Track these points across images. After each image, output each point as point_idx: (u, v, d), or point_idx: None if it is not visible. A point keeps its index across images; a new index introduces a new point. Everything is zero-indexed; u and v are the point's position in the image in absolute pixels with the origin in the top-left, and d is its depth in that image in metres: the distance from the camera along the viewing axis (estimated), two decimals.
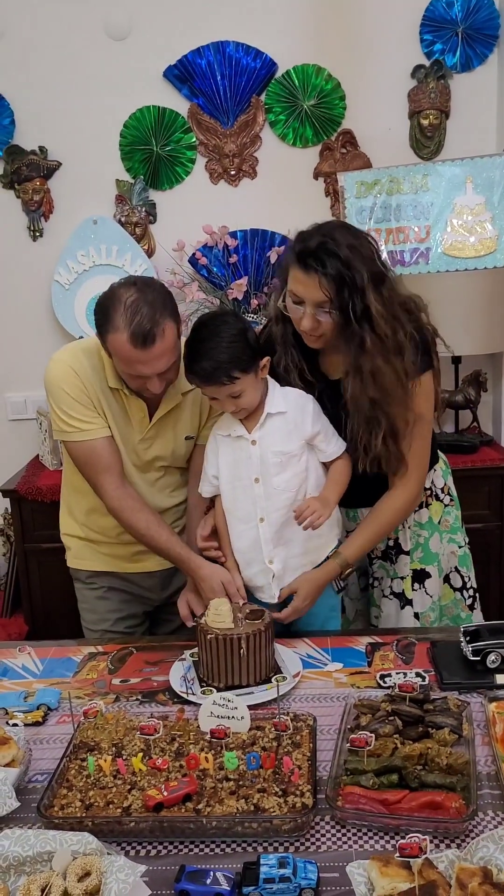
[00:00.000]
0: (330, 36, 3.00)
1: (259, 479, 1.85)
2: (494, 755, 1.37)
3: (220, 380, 1.76)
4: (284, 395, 1.87)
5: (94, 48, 3.01)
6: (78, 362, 1.93)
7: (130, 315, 1.72)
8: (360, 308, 1.68)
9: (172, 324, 1.78)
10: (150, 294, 1.76)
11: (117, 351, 1.77)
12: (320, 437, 1.86)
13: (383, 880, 1.05)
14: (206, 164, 3.13)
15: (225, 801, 1.28)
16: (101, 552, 2.12)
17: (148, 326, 1.71)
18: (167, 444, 2.02)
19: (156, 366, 1.78)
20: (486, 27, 2.97)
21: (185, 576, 2.15)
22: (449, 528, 2.06)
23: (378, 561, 2.05)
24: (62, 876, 1.13)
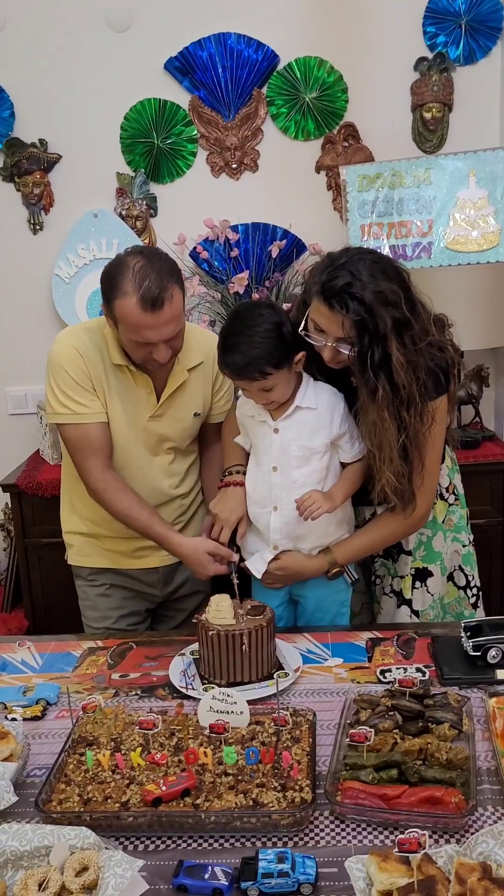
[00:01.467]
0: (332, 28, 2.98)
1: (277, 468, 1.84)
2: (494, 750, 1.37)
3: (251, 375, 1.74)
4: (317, 391, 1.85)
5: (95, 40, 2.99)
6: (81, 342, 1.94)
7: (139, 280, 1.74)
8: (379, 355, 1.66)
9: (179, 291, 1.80)
10: (157, 261, 1.78)
11: (125, 317, 1.77)
12: (346, 438, 1.85)
13: (382, 875, 1.04)
14: (207, 158, 3.11)
15: (224, 795, 1.27)
16: (104, 548, 2.11)
17: (157, 291, 1.73)
18: (176, 422, 2.02)
19: (163, 331, 1.78)
20: (489, 19, 2.95)
21: (186, 571, 2.16)
22: (453, 528, 2.04)
23: (380, 559, 2.04)
24: (59, 871, 1.13)
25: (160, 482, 2.05)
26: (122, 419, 1.96)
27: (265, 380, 1.75)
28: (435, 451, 1.84)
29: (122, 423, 1.96)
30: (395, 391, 1.69)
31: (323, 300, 1.67)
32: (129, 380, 1.95)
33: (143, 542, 2.05)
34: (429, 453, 1.81)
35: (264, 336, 1.73)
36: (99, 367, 1.93)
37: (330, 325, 1.69)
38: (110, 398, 1.95)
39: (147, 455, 2.03)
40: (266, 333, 1.73)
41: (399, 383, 1.68)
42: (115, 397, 1.95)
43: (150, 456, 2.03)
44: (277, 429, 1.84)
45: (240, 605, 1.73)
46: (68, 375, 1.91)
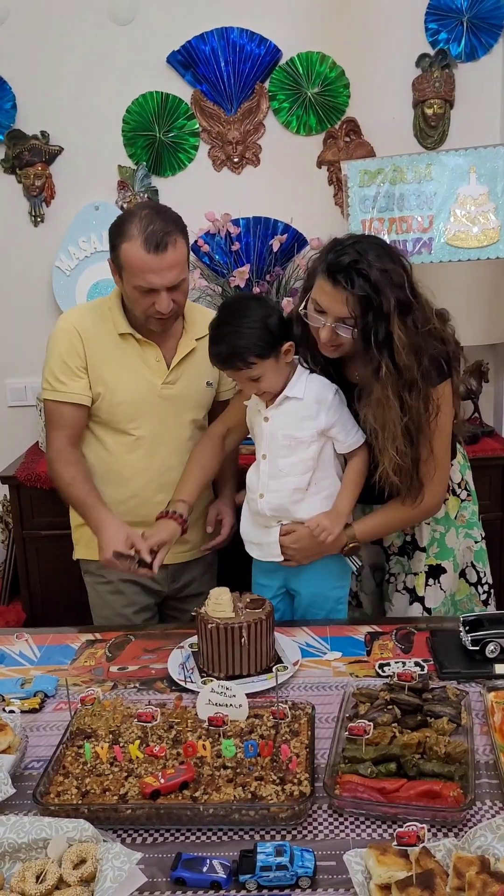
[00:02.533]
0: (334, 23, 2.97)
1: (266, 455, 1.87)
2: (493, 744, 1.37)
3: (235, 364, 1.78)
4: (308, 382, 1.85)
5: (98, 33, 2.98)
6: (81, 320, 2.01)
7: (145, 224, 1.82)
8: (382, 334, 1.67)
9: (184, 242, 1.88)
10: (162, 212, 1.88)
11: (129, 260, 1.83)
12: (337, 430, 1.85)
13: (380, 868, 1.04)
14: (209, 151, 3.10)
15: (222, 788, 1.27)
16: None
17: (161, 234, 1.81)
18: (190, 390, 2.07)
19: (166, 276, 1.84)
20: (491, 16, 2.94)
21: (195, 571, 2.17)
22: (465, 524, 2.05)
23: (395, 557, 2.03)
24: (57, 863, 1.13)
25: (182, 455, 2.06)
26: (134, 387, 2.00)
27: (250, 369, 1.78)
28: (443, 439, 1.84)
29: (134, 391, 2.00)
30: (398, 371, 1.70)
31: (328, 277, 1.68)
32: (136, 349, 2.00)
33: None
34: (436, 441, 1.81)
35: (249, 327, 1.75)
36: (101, 341, 1.98)
37: (332, 303, 1.69)
38: (116, 371, 1.99)
39: (169, 425, 2.05)
40: (251, 324, 1.76)
41: (401, 364, 1.69)
42: (123, 368, 1.99)
43: (172, 427, 2.05)
44: (267, 417, 1.87)
45: (239, 599, 1.73)
46: (58, 353, 1.99)
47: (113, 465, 2.07)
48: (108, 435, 2.05)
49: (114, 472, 2.07)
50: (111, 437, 2.05)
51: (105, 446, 2.06)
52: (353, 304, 1.66)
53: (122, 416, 2.02)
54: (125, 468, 2.06)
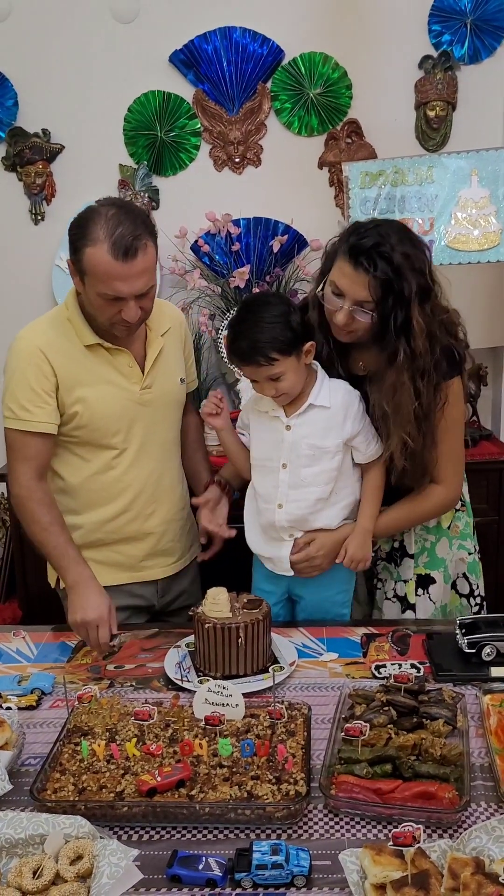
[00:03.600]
0: (337, 24, 2.97)
1: (287, 465, 1.83)
2: (488, 747, 1.37)
3: (256, 360, 1.73)
4: (332, 389, 1.82)
5: (100, 31, 2.98)
6: (45, 338, 1.83)
7: (112, 227, 1.66)
8: (401, 319, 1.67)
9: (153, 244, 1.73)
10: (130, 212, 1.72)
11: (95, 266, 1.67)
12: (360, 438, 1.83)
13: (376, 868, 1.05)
14: (210, 151, 3.10)
15: (218, 787, 1.28)
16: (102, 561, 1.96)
17: (130, 239, 1.66)
18: (167, 391, 1.97)
19: (135, 284, 1.69)
20: (495, 18, 2.94)
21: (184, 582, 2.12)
22: (459, 535, 2.02)
23: (382, 562, 2.02)
24: (54, 859, 1.13)
25: (171, 458, 2.01)
26: (113, 400, 1.87)
27: (271, 366, 1.73)
28: (455, 433, 1.84)
29: (114, 403, 1.87)
30: (413, 357, 1.70)
31: (349, 259, 1.67)
32: (106, 359, 1.87)
33: (158, 546, 2.01)
34: (449, 435, 1.81)
35: (270, 322, 1.72)
36: (69, 358, 1.83)
37: (352, 286, 1.68)
38: (92, 386, 1.84)
39: (154, 431, 1.95)
40: (272, 319, 1.73)
41: (416, 349, 1.69)
42: (98, 382, 1.85)
43: (157, 432, 1.96)
44: (290, 426, 1.81)
45: (236, 599, 1.74)
46: (23, 378, 1.81)
47: (99, 483, 1.93)
48: (90, 453, 1.91)
49: (100, 491, 1.93)
50: (93, 454, 1.91)
51: (88, 465, 1.92)
52: (374, 287, 1.66)
53: (104, 431, 1.89)
54: (113, 484, 1.93)
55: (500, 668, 1.62)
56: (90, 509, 1.94)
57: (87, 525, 1.95)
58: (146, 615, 2.09)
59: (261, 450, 1.88)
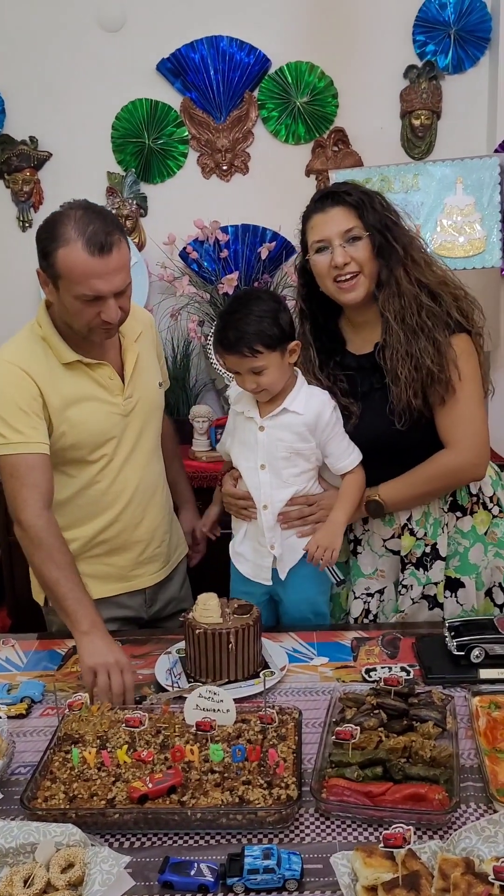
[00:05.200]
0: (323, 34, 3.00)
1: (265, 466, 1.84)
2: (477, 748, 1.38)
3: (241, 350, 1.75)
4: (308, 396, 1.84)
5: (87, 39, 3.00)
6: (23, 357, 1.77)
7: (83, 226, 1.62)
8: (386, 222, 1.77)
9: (125, 243, 1.70)
10: (99, 212, 1.69)
11: (71, 267, 1.62)
12: (331, 447, 1.84)
13: (367, 871, 1.05)
14: (198, 159, 3.12)
15: (210, 793, 1.27)
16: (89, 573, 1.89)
17: (103, 235, 1.62)
18: (148, 398, 1.94)
19: (113, 281, 1.66)
20: (478, 29, 2.98)
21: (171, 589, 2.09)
22: (496, 542, 1.95)
23: (410, 567, 1.92)
24: (45, 867, 1.13)
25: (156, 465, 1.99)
26: (98, 417, 1.83)
27: (255, 358, 1.75)
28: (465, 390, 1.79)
29: (100, 420, 1.83)
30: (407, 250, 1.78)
31: (317, 209, 1.80)
32: (86, 375, 1.81)
33: (147, 552, 2.00)
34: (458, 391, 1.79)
35: (259, 315, 1.75)
36: (51, 378, 1.77)
37: (329, 225, 1.77)
38: (76, 406, 1.79)
39: (139, 441, 1.92)
40: (262, 313, 1.75)
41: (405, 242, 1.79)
42: (82, 400, 1.80)
43: (142, 441, 1.94)
44: (263, 427, 1.84)
45: (226, 604, 1.74)
46: (9, 399, 1.74)
47: (85, 498, 1.89)
48: (74, 469, 1.86)
49: (87, 506, 1.89)
50: (77, 470, 1.86)
51: (73, 482, 1.87)
52: (348, 211, 1.76)
53: (90, 448, 1.84)
54: (100, 498, 1.89)
55: (488, 670, 1.62)
56: (79, 525, 1.90)
57: (79, 539, 1.91)
58: (133, 626, 2.06)
59: (241, 451, 1.90)
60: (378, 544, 1.96)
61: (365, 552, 1.98)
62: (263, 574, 1.91)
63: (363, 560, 1.98)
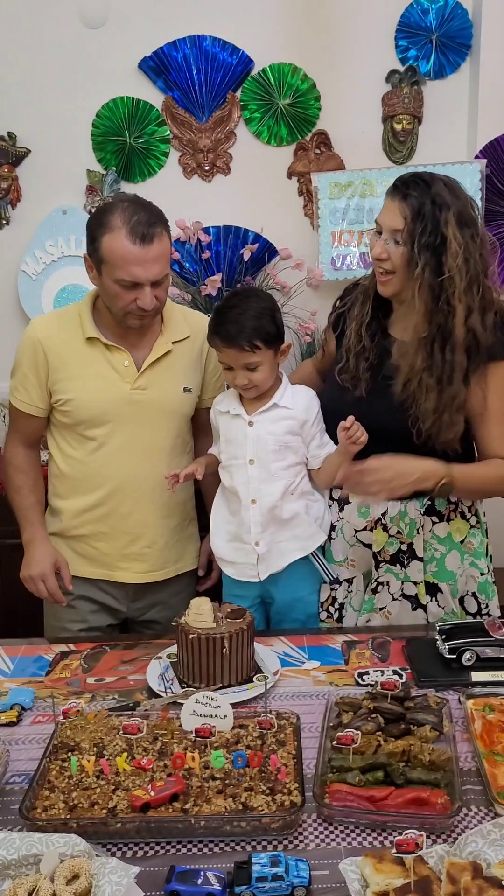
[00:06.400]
0: (307, 36, 3.00)
1: (255, 460, 1.87)
2: (475, 751, 1.39)
3: (240, 344, 1.79)
4: (294, 393, 1.91)
5: (68, 36, 2.95)
6: (47, 328, 1.99)
7: (129, 215, 1.79)
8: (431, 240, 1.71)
9: (167, 236, 1.85)
10: (145, 205, 1.86)
11: (113, 251, 1.78)
12: (315, 442, 1.91)
13: (378, 876, 1.05)
14: (179, 158, 3.10)
15: (212, 800, 1.27)
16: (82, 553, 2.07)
17: (146, 226, 1.78)
18: (164, 395, 1.99)
19: (151, 269, 1.79)
20: (459, 36, 3.00)
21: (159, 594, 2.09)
22: (472, 552, 1.98)
23: (385, 565, 1.95)
24: (49, 879, 1.11)
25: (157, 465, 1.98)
26: (99, 394, 1.95)
27: (252, 353, 1.79)
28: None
29: (100, 398, 1.95)
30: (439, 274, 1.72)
31: (390, 192, 1.79)
32: (102, 353, 1.95)
33: (131, 548, 2.02)
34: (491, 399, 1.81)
35: (258, 312, 1.81)
36: (66, 349, 1.95)
37: (386, 216, 1.78)
38: (81, 378, 1.95)
39: (140, 432, 1.97)
40: (261, 310, 1.81)
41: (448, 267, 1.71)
42: (88, 374, 1.95)
43: (144, 434, 1.98)
44: (252, 422, 1.88)
45: (219, 609, 1.73)
46: (22, 363, 2.00)
47: (80, 471, 2.01)
48: (74, 440, 2.00)
49: (81, 480, 2.01)
50: (77, 442, 2.00)
51: (73, 452, 2.01)
52: (405, 211, 1.73)
53: (88, 422, 1.96)
54: (92, 476, 2.00)
55: (480, 673, 1.64)
56: (71, 496, 2.03)
57: (67, 512, 2.04)
58: (114, 619, 2.11)
59: (227, 449, 1.92)
60: (350, 534, 1.98)
61: (338, 539, 2.00)
62: (249, 572, 1.92)
63: (335, 546, 2.01)
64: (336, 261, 3.04)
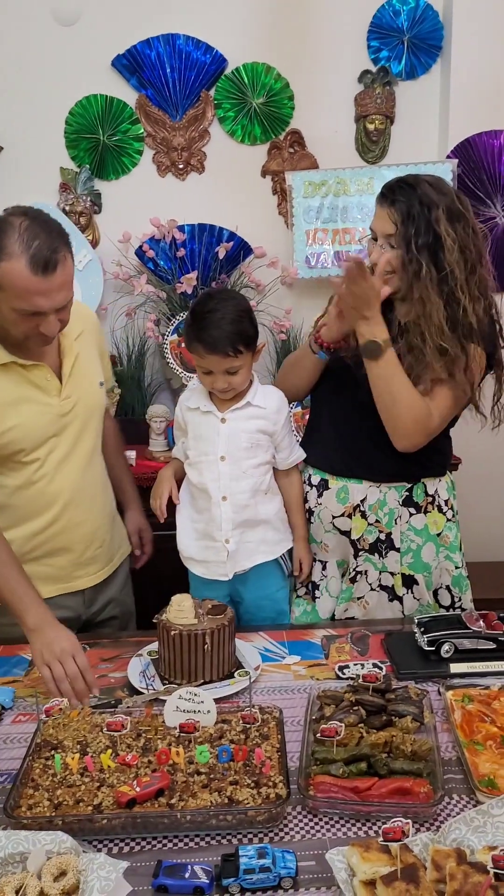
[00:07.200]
0: (280, 36, 3.02)
1: (226, 457, 1.88)
2: (456, 741, 1.42)
3: (225, 350, 1.79)
4: (266, 392, 1.94)
5: (42, 33, 2.94)
6: None
7: (28, 240, 1.55)
8: (425, 240, 1.73)
9: (70, 256, 1.65)
10: (44, 222, 1.61)
11: (13, 282, 1.57)
12: (285, 443, 1.95)
13: (365, 865, 1.07)
14: (153, 157, 3.10)
15: (198, 794, 1.27)
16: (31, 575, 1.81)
17: (48, 252, 1.56)
18: (88, 398, 1.90)
19: (55, 298, 1.62)
20: (430, 37, 3.04)
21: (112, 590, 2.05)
22: (448, 545, 2.01)
23: (364, 553, 1.98)
24: (37, 876, 1.11)
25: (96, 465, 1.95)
26: (33, 419, 1.79)
27: (235, 358, 1.80)
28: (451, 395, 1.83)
29: (35, 423, 1.80)
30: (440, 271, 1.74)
31: (378, 200, 1.81)
32: (22, 375, 1.78)
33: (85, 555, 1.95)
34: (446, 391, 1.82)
35: (237, 315, 1.81)
36: None
37: (377, 223, 1.80)
38: (8, 408, 1.76)
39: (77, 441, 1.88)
40: (241, 313, 1.82)
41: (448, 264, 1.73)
42: (15, 402, 1.77)
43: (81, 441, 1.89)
44: (225, 419, 1.89)
45: (199, 605, 1.73)
46: None
47: (24, 498, 1.85)
48: (11, 469, 1.83)
49: (26, 506, 1.86)
50: (14, 470, 1.83)
51: (10, 481, 1.84)
52: (394, 215, 1.75)
53: (27, 449, 1.81)
54: (38, 498, 1.85)
55: (459, 665, 1.67)
56: (18, 524, 1.86)
57: (17, 540, 1.85)
58: (74, 627, 1.96)
59: (196, 445, 1.92)
60: (327, 519, 2.01)
61: (315, 523, 2.04)
62: (219, 570, 1.93)
63: (312, 529, 2.05)
64: (310, 259, 3.06)
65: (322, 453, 2.02)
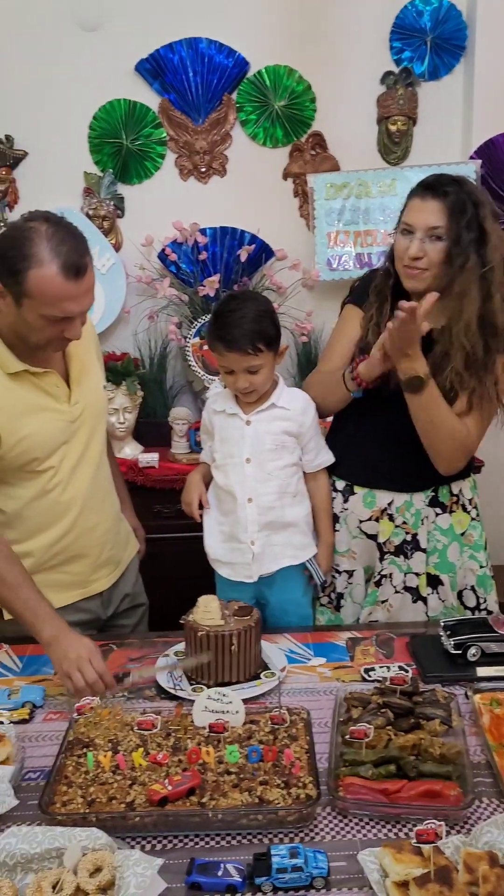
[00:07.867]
0: (302, 38, 3.02)
1: (251, 459, 1.89)
2: (485, 745, 1.42)
3: (245, 348, 1.80)
4: (292, 394, 1.95)
5: (65, 38, 2.96)
6: None
7: (57, 246, 1.55)
8: (473, 235, 1.74)
9: (91, 261, 1.66)
10: (67, 228, 1.62)
11: (45, 289, 1.56)
12: (312, 444, 1.95)
13: (398, 867, 1.07)
14: (175, 160, 3.12)
15: (228, 794, 1.29)
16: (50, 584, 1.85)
17: (77, 257, 1.57)
18: (93, 400, 1.90)
19: (84, 302, 1.64)
20: (453, 38, 3.04)
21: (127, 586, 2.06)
22: (472, 545, 2.02)
23: (390, 556, 1.99)
24: (73, 872, 1.13)
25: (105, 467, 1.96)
26: (46, 427, 1.78)
27: (255, 356, 1.81)
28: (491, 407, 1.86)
29: (47, 430, 1.79)
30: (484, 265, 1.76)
31: (418, 194, 1.80)
32: (33, 384, 1.76)
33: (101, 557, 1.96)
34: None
35: (258, 314, 1.83)
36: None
37: (421, 216, 1.78)
38: (21, 417, 1.74)
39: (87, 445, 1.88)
40: (261, 313, 1.83)
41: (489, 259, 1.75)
42: (27, 412, 1.75)
43: (91, 445, 1.89)
44: (250, 421, 1.90)
45: (225, 606, 1.75)
46: None
47: (39, 509, 1.84)
48: (24, 480, 1.81)
49: (42, 516, 1.85)
50: (28, 480, 1.81)
51: (24, 492, 1.82)
52: (444, 209, 1.75)
53: (41, 458, 1.79)
54: (53, 507, 1.85)
55: (486, 668, 1.67)
56: (35, 535, 1.86)
57: (36, 551, 1.86)
58: (94, 630, 2.02)
59: (223, 448, 1.94)
60: (354, 524, 2.02)
61: (342, 530, 2.04)
62: (244, 572, 1.94)
63: (339, 537, 2.05)
64: (332, 261, 3.07)
65: (345, 469, 2.03)
